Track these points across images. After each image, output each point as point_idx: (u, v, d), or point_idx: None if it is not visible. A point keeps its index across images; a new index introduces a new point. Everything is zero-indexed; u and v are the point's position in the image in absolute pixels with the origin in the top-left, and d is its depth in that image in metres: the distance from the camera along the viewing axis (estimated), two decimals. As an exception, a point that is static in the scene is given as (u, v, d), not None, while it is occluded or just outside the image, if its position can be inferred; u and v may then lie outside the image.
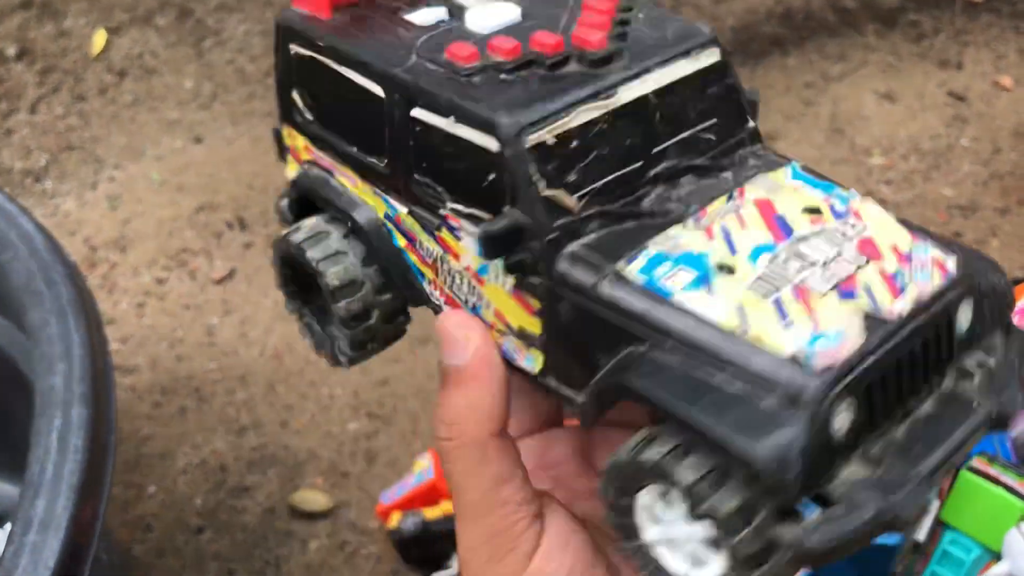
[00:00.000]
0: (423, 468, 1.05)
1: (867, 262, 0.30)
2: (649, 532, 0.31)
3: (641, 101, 0.33)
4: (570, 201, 0.32)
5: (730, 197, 0.33)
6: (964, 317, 0.31)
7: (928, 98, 1.61)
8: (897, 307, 0.29)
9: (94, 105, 1.76)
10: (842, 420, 0.27)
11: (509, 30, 0.35)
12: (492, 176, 0.32)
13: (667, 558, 0.31)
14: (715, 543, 0.29)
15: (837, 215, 0.32)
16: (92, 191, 1.60)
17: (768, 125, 1.59)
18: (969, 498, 0.87)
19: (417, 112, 0.33)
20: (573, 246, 0.32)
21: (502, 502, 0.34)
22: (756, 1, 1.84)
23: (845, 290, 0.29)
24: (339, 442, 1.20)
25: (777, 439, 0.26)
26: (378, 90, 0.35)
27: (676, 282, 0.30)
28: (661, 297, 0.30)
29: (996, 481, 0.88)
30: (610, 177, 0.33)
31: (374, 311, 0.38)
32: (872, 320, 0.28)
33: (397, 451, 1.19)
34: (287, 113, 0.40)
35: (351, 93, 0.36)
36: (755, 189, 0.33)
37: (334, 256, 0.38)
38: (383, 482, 1.16)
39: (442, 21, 0.37)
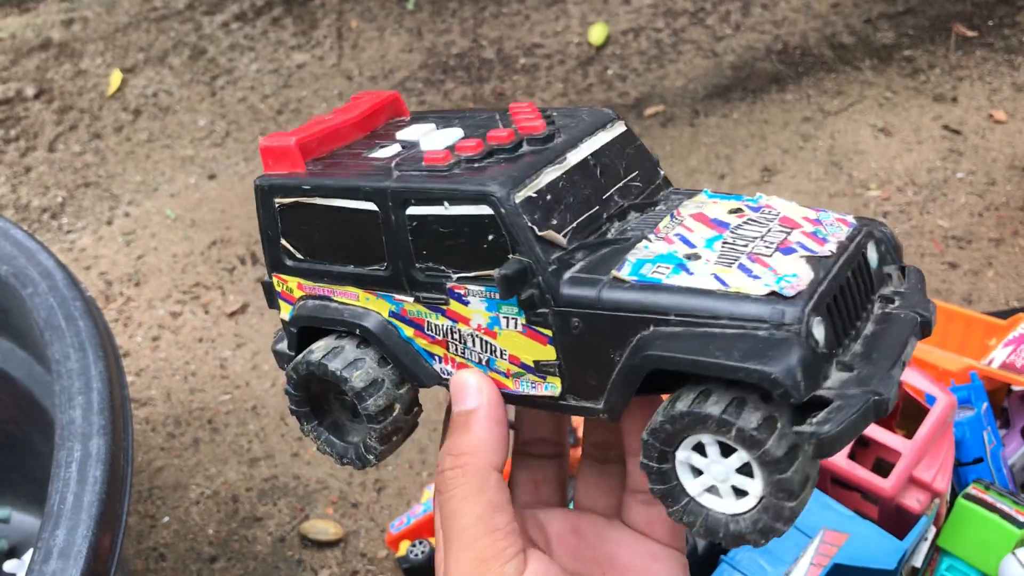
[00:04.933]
0: (431, 498, 1.07)
1: (791, 231, 0.40)
2: (692, 486, 0.37)
3: (584, 162, 0.42)
4: (559, 238, 0.39)
5: (672, 217, 0.42)
6: (872, 255, 0.40)
7: (924, 132, 1.64)
8: (826, 249, 0.38)
9: (110, 143, 1.81)
10: (819, 333, 0.35)
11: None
12: (491, 236, 0.39)
13: (713, 503, 0.37)
14: (748, 469, 0.35)
15: (754, 209, 0.42)
16: (108, 227, 1.63)
17: (767, 159, 1.62)
18: (966, 525, 0.89)
19: (412, 210, 0.40)
20: (568, 273, 0.39)
21: (493, 528, 0.38)
22: (754, 38, 1.87)
23: (784, 248, 0.38)
24: (349, 472, 1.23)
25: (782, 356, 0.34)
26: (370, 206, 0.41)
27: (660, 273, 0.38)
28: (654, 284, 0.37)
29: (992, 508, 0.90)
30: (580, 218, 0.41)
31: (396, 404, 0.43)
32: (813, 260, 0.37)
33: (405, 481, 1.21)
34: (276, 263, 0.46)
35: (341, 220, 0.43)
36: (686, 208, 0.43)
37: (353, 363, 0.43)
38: (392, 511, 1.18)
39: (400, 152, 0.44)
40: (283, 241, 0.45)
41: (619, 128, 0.45)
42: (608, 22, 1.94)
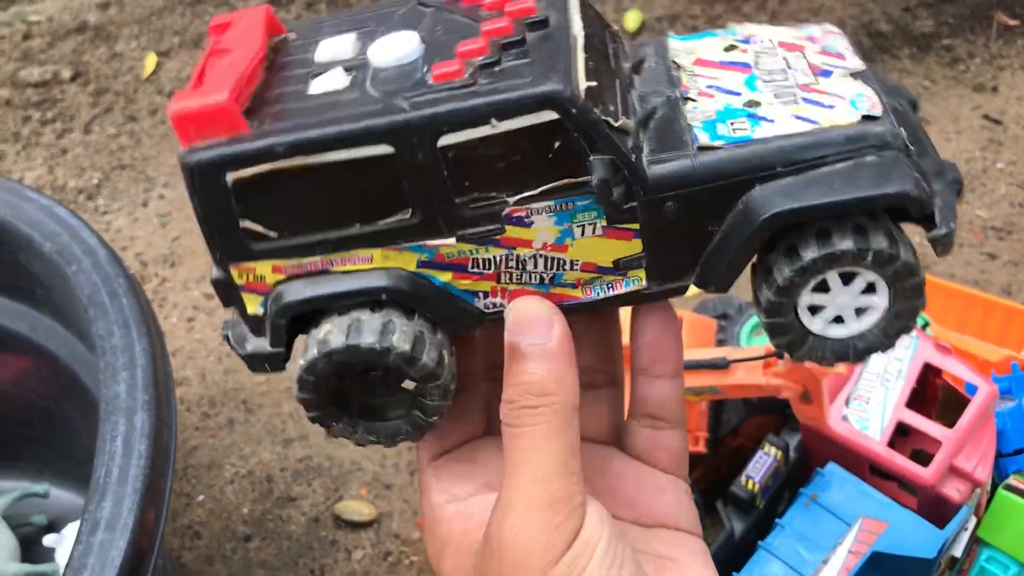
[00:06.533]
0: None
1: (802, 52, 0.39)
2: (814, 324, 0.37)
3: (587, 37, 0.37)
4: (629, 124, 0.36)
5: (680, 69, 0.39)
6: None
7: (963, 121, 1.62)
8: (853, 62, 0.39)
9: (145, 125, 1.82)
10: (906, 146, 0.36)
11: (426, 54, 0.37)
12: (557, 143, 0.34)
13: (837, 331, 0.38)
14: (871, 287, 0.36)
15: (744, 41, 0.40)
16: (143, 208, 1.64)
17: (804, 147, 1.60)
18: (1006, 516, 0.89)
19: (446, 140, 0.34)
20: (644, 158, 0.36)
21: (570, 471, 0.36)
22: (791, 25, 1.86)
23: (821, 71, 0.38)
24: (382, 454, 1.23)
25: (903, 173, 0.34)
26: (383, 149, 0.35)
27: (741, 128, 0.36)
28: (746, 141, 0.35)
29: (1033, 499, 0.89)
30: (617, 97, 0.37)
31: (443, 351, 0.38)
32: (856, 75, 0.37)
33: (438, 464, 1.21)
34: (235, 251, 0.37)
35: (338, 177, 0.35)
36: (681, 57, 0.40)
37: (384, 328, 0.37)
38: (425, 494, 1.18)
39: (358, 78, 0.37)
40: (245, 223, 0.36)
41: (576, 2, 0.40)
42: (643, 8, 1.93)
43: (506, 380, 0.37)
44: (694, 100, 0.37)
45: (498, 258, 0.37)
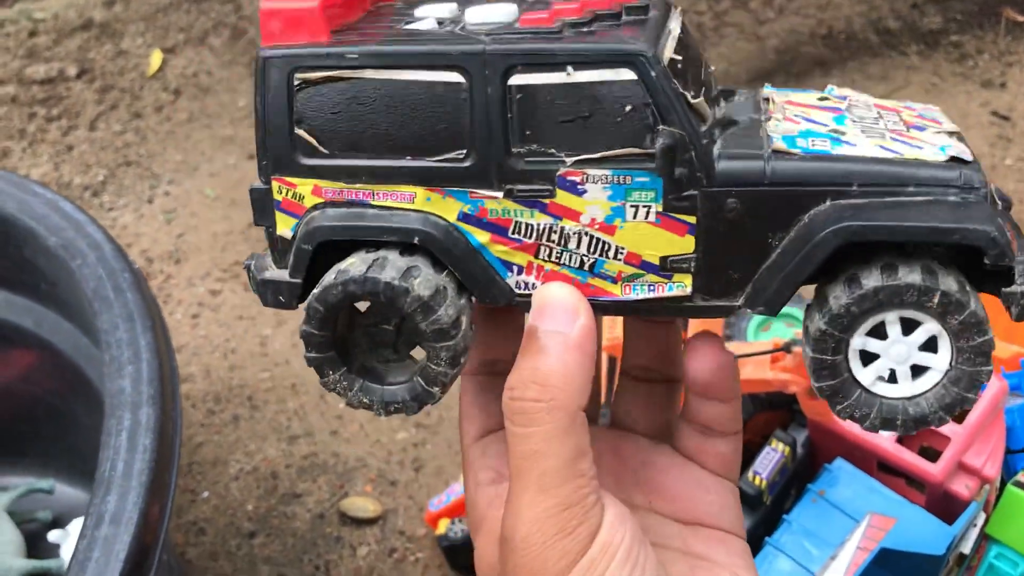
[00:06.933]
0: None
1: (899, 112, 0.38)
2: (864, 376, 0.35)
3: (682, 38, 0.37)
4: (707, 109, 0.35)
5: (770, 103, 0.39)
6: None
7: (972, 118, 1.61)
8: (948, 126, 0.37)
9: (150, 122, 1.82)
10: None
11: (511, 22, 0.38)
12: (628, 107, 0.33)
13: (887, 389, 0.35)
14: (932, 344, 0.34)
15: (840, 98, 0.40)
16: (148, 205, 1.64)
17: (811, 144, 1.60)
18: (1015, 512, 0.88)
19: (517, 79, 0.34)
20: (716, 149, 0.34)
21: (579, 473, 0.34)
22: (798, 21, 1.85)
23: (913, 125, 0.37)
24: (388, 451, 1.23)
25: (986, 218, 0.32)
26: (453, 77, 0.34)
27: (822, 145, 0.35)
28: (825, 155, 0.34)
29: (1042, 496, 0.89)
30: (702, 92, 0.36)
31: (463, 316, 0.37)
32: (949, 134, 0.36)
33: (443, 460, 1.21)
34: (281, 161, 0.37)
35: (402, 99, 0.35)
36: (774, 97, 0.40)
37: (408, 271, 0.36)
38: (430, 490, 1.18)
39: (446, 26, 0.38)
40: (299, 131, 0.36)
41: (680, 15, 0.40)
42: (648, 5, 1.93)
43: (516, 362, 0.36)
44: (777, 122, 0.37)
45: (542, 226, 0.36)
